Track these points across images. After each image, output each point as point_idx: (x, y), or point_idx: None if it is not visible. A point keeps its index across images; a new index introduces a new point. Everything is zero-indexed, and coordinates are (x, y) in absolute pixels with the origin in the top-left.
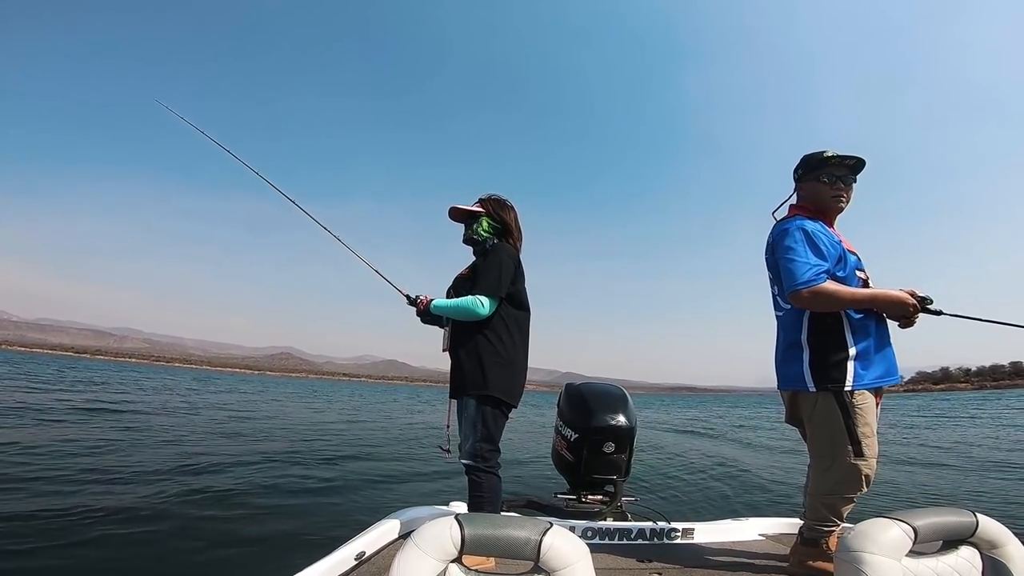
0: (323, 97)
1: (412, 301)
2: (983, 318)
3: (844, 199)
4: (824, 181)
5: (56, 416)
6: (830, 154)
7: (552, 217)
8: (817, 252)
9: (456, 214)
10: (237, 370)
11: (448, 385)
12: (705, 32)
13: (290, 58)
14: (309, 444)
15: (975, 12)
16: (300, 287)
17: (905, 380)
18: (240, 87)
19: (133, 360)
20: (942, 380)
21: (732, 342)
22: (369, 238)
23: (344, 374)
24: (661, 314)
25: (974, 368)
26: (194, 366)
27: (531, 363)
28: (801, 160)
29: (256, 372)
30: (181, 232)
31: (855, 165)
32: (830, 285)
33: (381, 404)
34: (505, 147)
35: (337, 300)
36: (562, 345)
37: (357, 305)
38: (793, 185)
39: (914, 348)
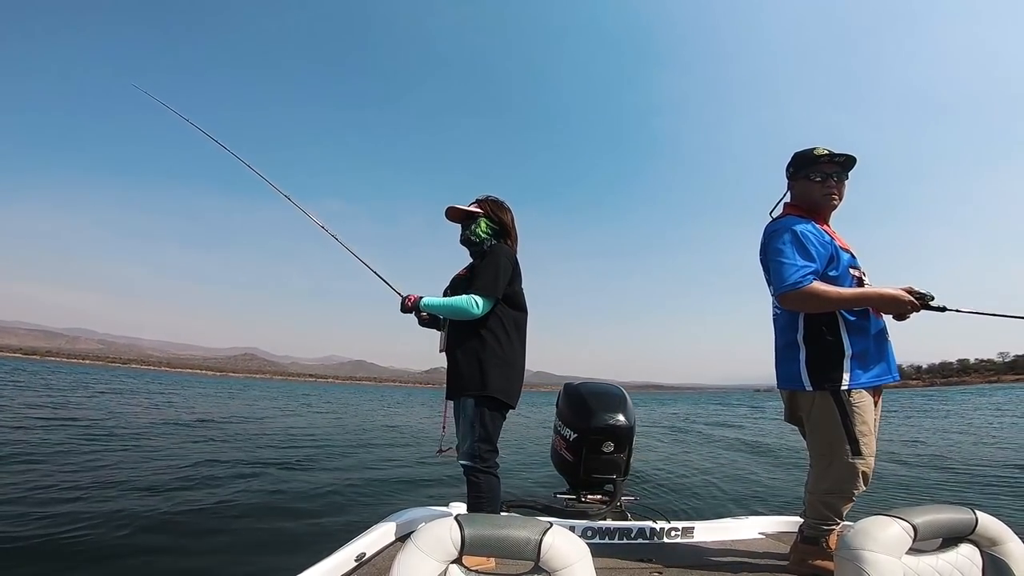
0: (290, 106)
1: (404, 307)
2: (988, 312)
3: (836, 197)
4: (815, 179)
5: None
6: (821, 151)
7: (521, 220)
8: (805, 253)
9: (454, 214)
10: (198, 371)
11: (444, 386)
12: (675, 36)
13: (267, 64)
14: (299, 448)
15: (928, 23)
16: (265, 286)
17: None
18: (227, 92)
19: (87, 361)
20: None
21: (696, 341)
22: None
23: (311, 375)
24: (629, 314)
25: (924, 366)
26: (151, 367)
27: None
28: (792, 158)
29: (219, 373)
30: (139, 230)
31: (845, 162)
32: (818, 286)
33: (359, 405)
34: (477, 151)
35: (303, 299)
36: (531, 344)
37: (324, 304)
38: (786, 183)
39: None
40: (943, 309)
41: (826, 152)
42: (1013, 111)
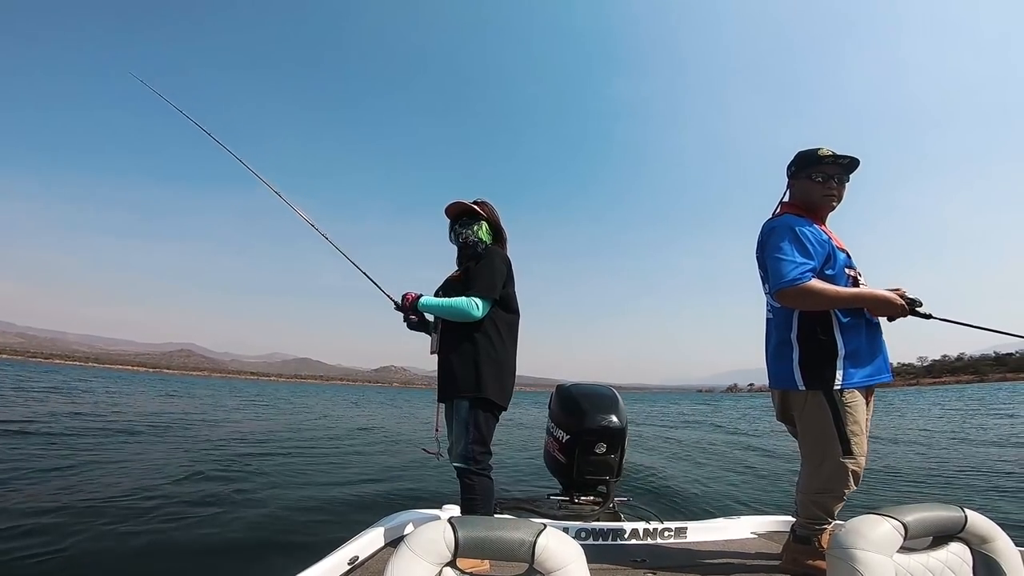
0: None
1: (400, 306)
2: (970, 323)
3: (836, 198)
4: (817, 180)
5: None
6: (825, 152)
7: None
8: (803, 250)
9: (455, 209)
10: (129, 367)
11: (436, 388)
12: (637, 43)
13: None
14: (277, 451)
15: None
16: (205, 280)
17: None
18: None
19: (3, 356)
20: None
21: (642, 343)
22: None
23: (252, 373)
24: (574, 316)
25: None
26: (77, 363)
27: None
28: (796, 157)
29: (152, 370)
30: (67, 218)
31: (849, 164)
32: (816, 283)
33: (318, 405)
34: (440, 153)
35: (245, 294)
36: None
37: (268, 299)
38: (786, 182)
39: None
40: (928, 316)
41: (830, 153)
42: (933, 129)
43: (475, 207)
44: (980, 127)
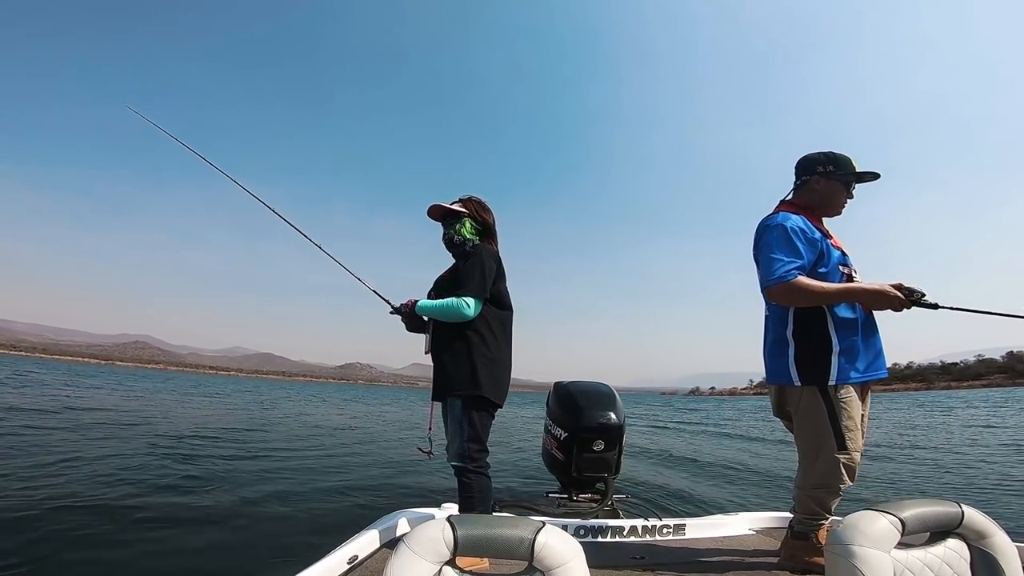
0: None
1: (397, 309)
2: (981, 310)
3: (845, 208)
4: (843, 186)
5: None
6: (856, 164)
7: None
8: (792, 248)
9: (436, 212)
10: (79, 359)
11: (431, 386)
12: (615, 48)
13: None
14: (267, 449)
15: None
16: (164, 270)
17: (754, 384)
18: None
19: None
20: None
21: (607, 344)
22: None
23: (211, 367)
24: (551, 318)
25: None
26: (24, 353)
27: (417, 359)
28: (835, 158)
29: (104, 362)
30: (14, 204)
31: (867, 179)
32: (802, 280)
33: (292, 402)
34: (414, 151)
35: (207, 287)
36: None
37: (230, 293)
38: (793, 179)
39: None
40: (935, 306)
41: (867, 171)
42: (890, 146)
43: (454, 208)
44: (933, 140)
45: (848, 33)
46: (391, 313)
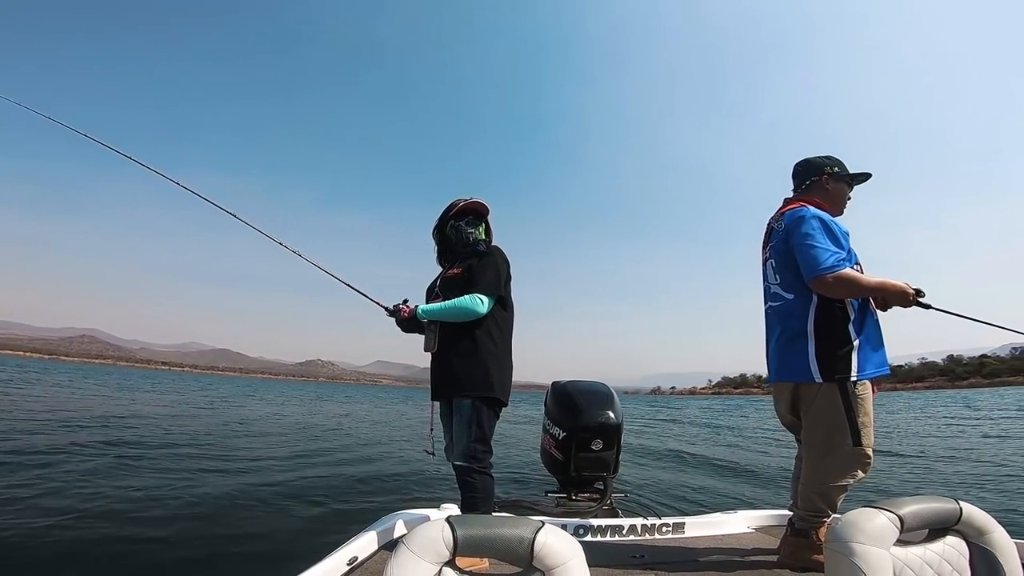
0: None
1: (392, 312)
2: (966, 315)
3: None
4: (851, 187)
5: None
6: (857, 171)
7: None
8: (835, 240)
9: (472, 208)
10: (20, 353)
11: (429, 385)
12: (588, 49)
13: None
14: (273, 448)
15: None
16: (114, 261)
17: (712, 383)
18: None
19: None
20: (741, 384)
21: (569, 344)
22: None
23: (163, 363)
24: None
25: (765, 375)
26: None
27: (381, 356)
28: (837, 160)
29: (47, 356)
30: None
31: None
32: (852, 271)
33: (264, 401)
34: (383, 146)
35: (162, 280)
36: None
37: (186, 285)
38: (798, 180)
39: (719, 356)
40: (928, 307)
41: (861, 172)
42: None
43: (487, 208)
44: (883, 153)
45: (805, 43)
46: (387, 316)
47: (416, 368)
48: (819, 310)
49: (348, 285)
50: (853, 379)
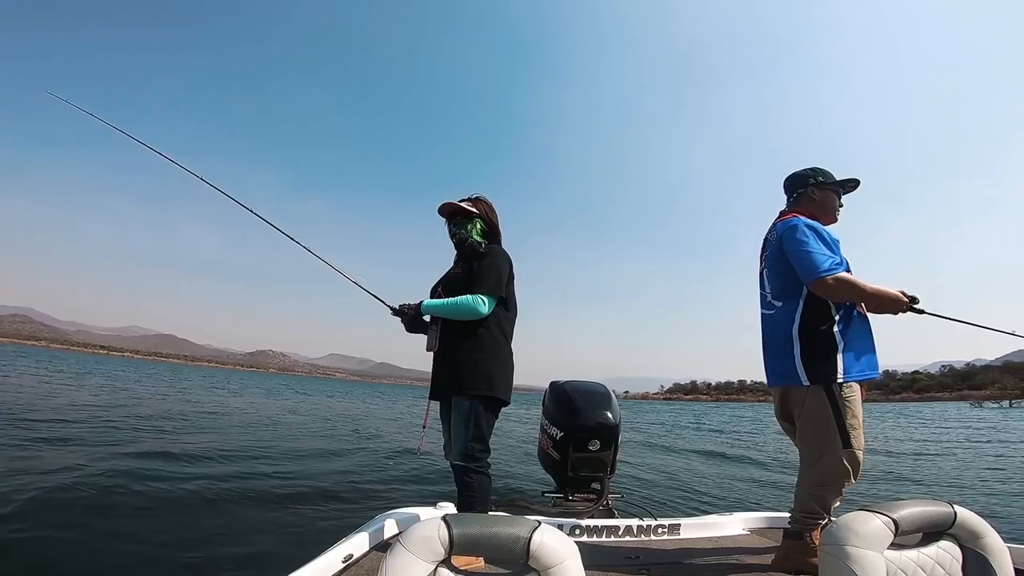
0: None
1: (398, 311)
2: (959, 319)
3: (839, 215)
4: (839, 195)
5: None
6: (846, 178)
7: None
8: (828, 246)
9: (449, 209)
10: None
11: (429, 385)
12: (565, 50)
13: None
14: (270, 443)
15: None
16: (50, 237)
17: (664, 389)
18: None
19: None
20: (691, 391)
21: (528, 345)
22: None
23: (102, 347)
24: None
25: (713, 383)
26: None
27: (342, 351)
28: (821, 170)
29: None
30: None
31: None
32: (849, 275)
33: (233, 394)
34: (354, 142)
35: (101, 257)
36: (380, 333)
37: (128, 266)
38: (790, 191)
39: (674, 362)
40: (921, 312)
41: (849, 179)
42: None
43: (466, 206)
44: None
45: (778, 61)
46: (393, 315)
47: (371, 363)
48: (804, 315)
49: (356, 283)
50: (839, 381)
